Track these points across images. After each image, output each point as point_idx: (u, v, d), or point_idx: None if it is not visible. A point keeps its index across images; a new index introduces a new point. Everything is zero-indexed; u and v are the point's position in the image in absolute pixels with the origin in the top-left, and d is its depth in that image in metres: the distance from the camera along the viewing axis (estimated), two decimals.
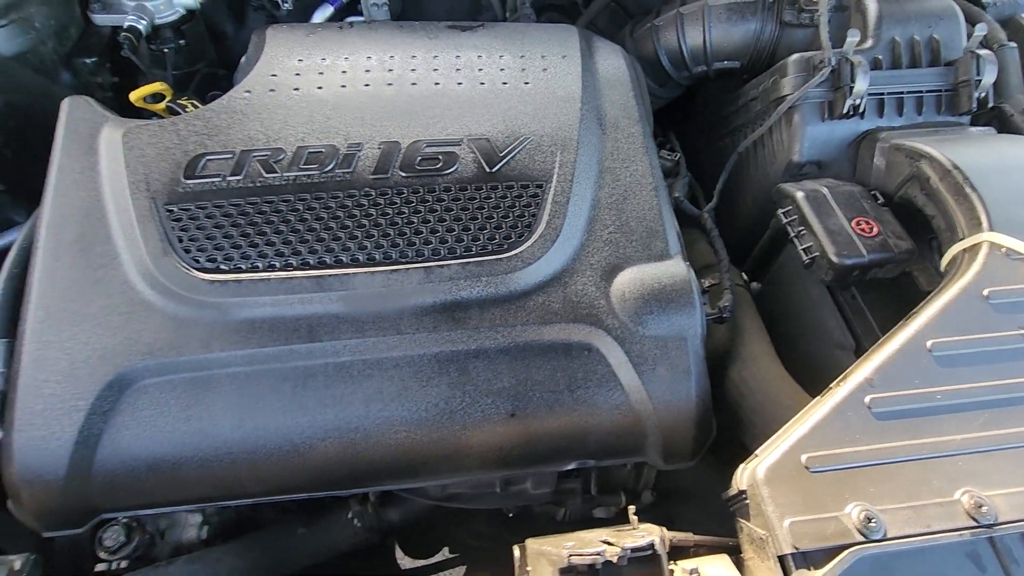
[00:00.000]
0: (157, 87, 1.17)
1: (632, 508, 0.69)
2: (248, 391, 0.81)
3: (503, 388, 0.83)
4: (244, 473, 0.82)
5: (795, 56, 1.08)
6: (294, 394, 0.81)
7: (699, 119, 1.48)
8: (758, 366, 0.95)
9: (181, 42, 1.35)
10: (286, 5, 1.45)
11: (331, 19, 1.49)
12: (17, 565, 0.80)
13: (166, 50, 1.32)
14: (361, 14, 1.56)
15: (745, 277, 1.14)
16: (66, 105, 0.96)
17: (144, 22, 1.27)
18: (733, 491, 0.71)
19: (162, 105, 1.18)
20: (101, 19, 1.28)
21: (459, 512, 1.12)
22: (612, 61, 1.09)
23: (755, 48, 1.20)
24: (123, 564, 0.91)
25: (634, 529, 0.69)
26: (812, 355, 1.03)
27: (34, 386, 0.78)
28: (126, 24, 1.24)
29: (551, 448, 0.85)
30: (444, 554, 1.55)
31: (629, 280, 0.88)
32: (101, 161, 0.90)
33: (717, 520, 0.77)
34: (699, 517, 0.88)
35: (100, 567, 0.91)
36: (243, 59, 1.12)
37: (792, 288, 1.11)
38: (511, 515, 1.22)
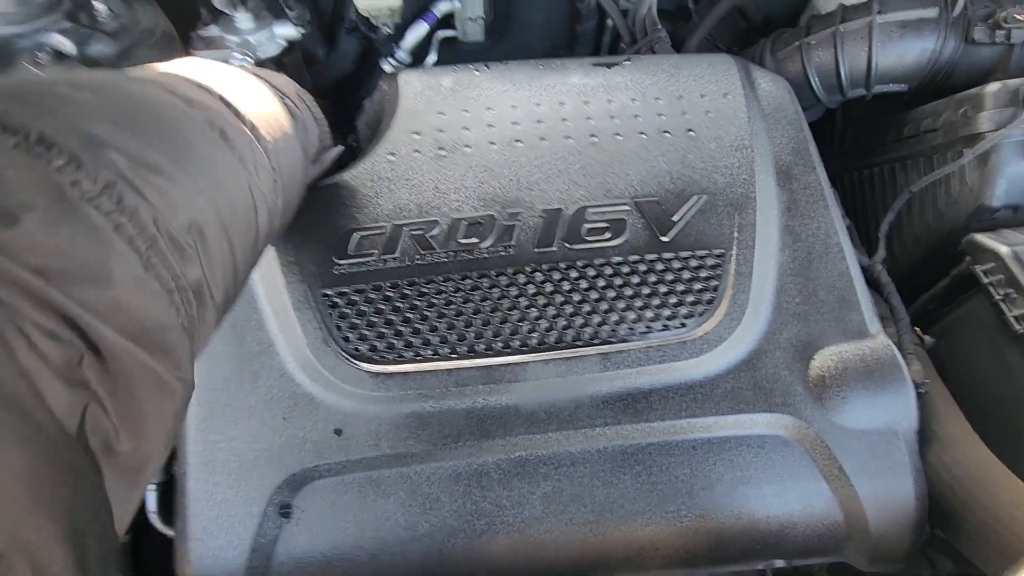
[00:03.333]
0: None
1: None
2: (420, 491, 0.76)
3: (692, 486, 0.76)
4: (415, 573, 0.77)
5: (995, 85, 0.94)
6: (468, 494, 0.76)
7: (833, 143, 1.34)
8: (963, 451, 0.84)
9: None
10: (386, 28, 1.37)
11: (425, 38, 1.41)
12: None
13: None
14: (455, 28, 1.48)
15: (919, 332, 1.02)
16: None
17: (250, 58, 1.21)
18: None
19: None
20: (205, 56, 1.22)
21: None
22: (777, 96, 0.97)
23: (931, 70, 1.06)
24: None
25: None
26: (1008, 432, 0.92)
27: (204, 490, 0.75)
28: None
29: (743, 548, 0.78)
30: None
31: (827, 363, 0.79)
32: None
33: None
34: None
35: None
36: (367, 103, 1.04)
37: (974, 351, 0.99)
38: None
